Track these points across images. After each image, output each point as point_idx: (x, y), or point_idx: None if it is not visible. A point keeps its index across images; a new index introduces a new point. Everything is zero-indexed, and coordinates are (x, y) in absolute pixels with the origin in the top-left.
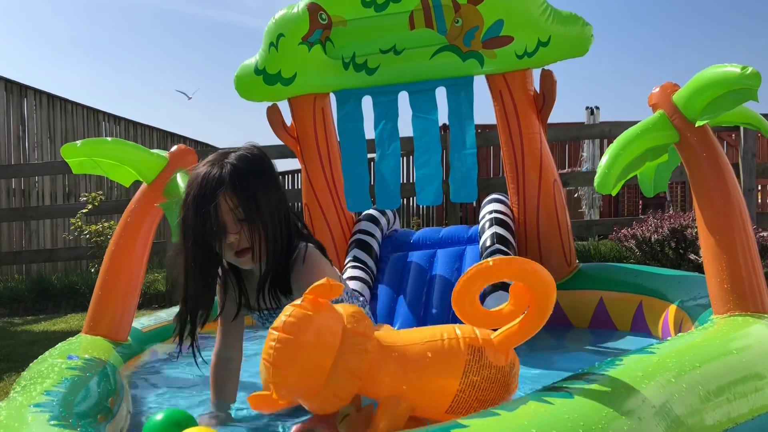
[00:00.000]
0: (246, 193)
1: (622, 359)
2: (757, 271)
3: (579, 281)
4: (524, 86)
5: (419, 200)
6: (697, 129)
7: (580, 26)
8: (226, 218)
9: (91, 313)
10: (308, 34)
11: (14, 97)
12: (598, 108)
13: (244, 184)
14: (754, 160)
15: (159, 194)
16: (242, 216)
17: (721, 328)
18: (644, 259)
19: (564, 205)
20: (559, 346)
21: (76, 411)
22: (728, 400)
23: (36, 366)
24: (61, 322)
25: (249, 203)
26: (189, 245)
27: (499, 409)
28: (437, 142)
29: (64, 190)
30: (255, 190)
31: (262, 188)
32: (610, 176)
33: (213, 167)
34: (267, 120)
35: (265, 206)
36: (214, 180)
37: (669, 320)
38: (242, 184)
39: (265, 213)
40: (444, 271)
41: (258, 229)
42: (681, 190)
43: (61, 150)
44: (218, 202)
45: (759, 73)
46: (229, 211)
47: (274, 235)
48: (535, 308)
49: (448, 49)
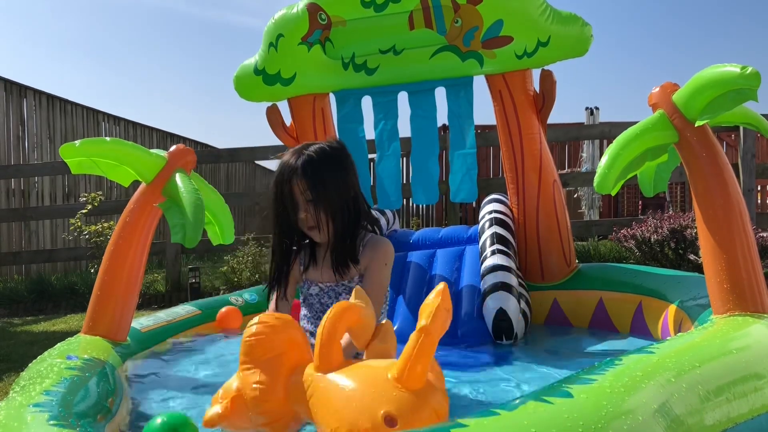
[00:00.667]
0: (314, 179)
1: (622, 359)
2: (757, 271)
3: (579, 281)
4: (524, 86)
5: (415, 199)
6: (697, 129)
7: (579, 26)
8: (298, 199)
9: (90, 313)
10: (308, 34)
11: (14, 97)
12: (598, 108)
13: (313, 171)
14: (753, 160)
15: (158, 194)
16: (310, 198)
17: (721, 328)
18: (644, 259)
19: (563, 205)
20: (558, 346)
21: (76, 411)
22: (728, 400)
23: (35, 366)
24: (61, 323)
25: (317, 188)
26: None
27: (499, 408)
28: (435, 141)
29: (64, 190)
30: (323, 176)
31: (330, 175)
32: (610, 176)
33: (292, 156)
34: (266, 120)
35: (332, 190)
36: (290, 168)
37: (669, 320)
38: (312, 172)
39: (331, 196)
40: (443, 271)
41: (324, 209)
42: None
43: (59, 150)
44: (292, 186)
45: (759, 73)
46: (300, 194)
47: (340, 215)
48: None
49: (448, 50)
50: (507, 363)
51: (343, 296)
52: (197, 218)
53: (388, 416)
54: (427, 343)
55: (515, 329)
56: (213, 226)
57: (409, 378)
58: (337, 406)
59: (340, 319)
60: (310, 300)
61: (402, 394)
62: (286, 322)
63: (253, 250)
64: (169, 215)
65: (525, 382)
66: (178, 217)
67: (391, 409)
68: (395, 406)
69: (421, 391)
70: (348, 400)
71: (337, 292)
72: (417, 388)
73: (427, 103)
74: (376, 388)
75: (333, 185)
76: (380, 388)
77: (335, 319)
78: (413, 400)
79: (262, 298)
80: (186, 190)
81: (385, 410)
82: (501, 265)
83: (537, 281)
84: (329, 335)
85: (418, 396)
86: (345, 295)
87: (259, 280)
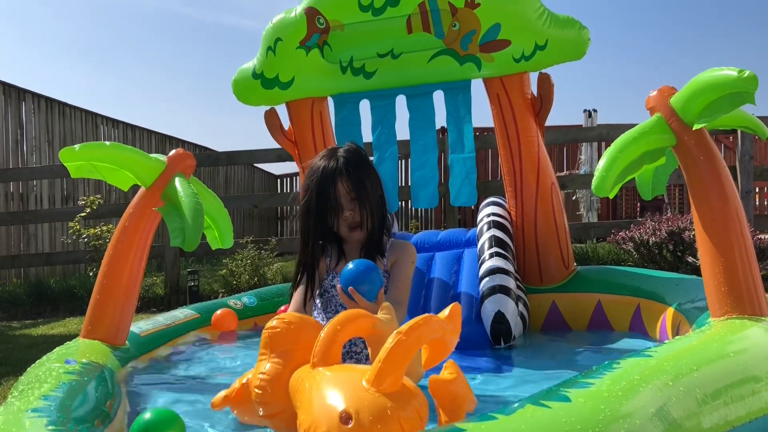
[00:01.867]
0: (356, 178)
1: (620, 362)
2: (754, 274)
3: (577, 284)
4: (522, 90)
5: (415, 203)
6: (695, 132)
7: (577, 30)
8: (343, 199)
9: (89, 317)
10: (306, 38)
11: (12, 100)
12: (596, 110)
13: (354, 171)
14: (751, 162)
15: (157, 198)
16: (354, 197)
17: (719, 331)
18: (642, 261)
19: (562, 207)
20: (557, 349)
21: (74, 416)
22: (725, 403)
23: (34, 370)
24: (59, 326)
25: (359, 186)
26: (311, 221)
27: (497, 413)
28: (434, 145)
29: (63, 193)
30: (362, 175)
31: (366, 174)
32: (608, 179)
33: (330, 160)
34: (265, 124)
35: (369, 188)
36: (333, 170)
37: (667, 323)
38: (354, 172)
39: (370, 193)
40: (442, 274)
41: (366, 206)
42: (679, 193)
43: (59, 154)
44: (336, 186)
45: (756, 77)
46: (345, 194)
47: (378, 213)
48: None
49: (446, 53)
50: (505, 366)
51: None
52: (196, 222)
53: (344, 413)
54: (398, 349)
55: (513, 332)
56: (212, 230)
57: (379, 381)
58: (308, 403)
59: (349, 322)
60: (332, 292)
61: (366, 395)
62: (304, 321)
63: (252, 253)
64: (168, 219)
65: (523, 385)
66: (177, 222)
67: (348, 408)
68: (355, 406)
69: (395, 394)
70: (317, 398)
71: None
72: (390, 391)
73: (425, 107)
74: (342, 389)
75: (369, 183)
76: (346, 389)
77: (344, 321)
78: (379, 402)
79: (261, 301)
80: (185, 194)
81: (343, 408)
82: (499, 268)
83: (535, 284)
84: (333, 333)
85: (389, 399)
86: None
87: (258, 283)
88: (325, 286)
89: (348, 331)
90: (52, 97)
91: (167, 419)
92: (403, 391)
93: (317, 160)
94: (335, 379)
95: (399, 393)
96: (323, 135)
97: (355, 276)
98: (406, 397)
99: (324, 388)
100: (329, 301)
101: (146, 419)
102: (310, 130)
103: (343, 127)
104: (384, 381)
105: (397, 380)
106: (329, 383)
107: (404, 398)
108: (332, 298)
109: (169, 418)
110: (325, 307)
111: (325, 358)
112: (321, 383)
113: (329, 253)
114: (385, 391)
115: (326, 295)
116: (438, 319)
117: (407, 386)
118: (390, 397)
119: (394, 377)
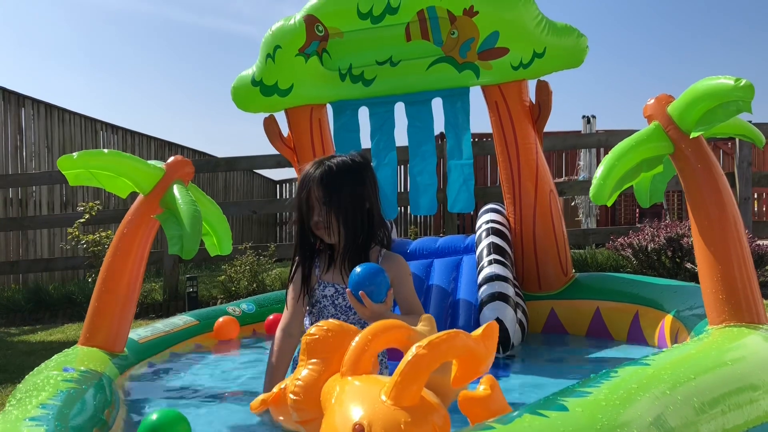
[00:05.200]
0: (329, 188)
1: (617, 371)
2: (752, 281)
3: (575, 291)
4: (520, 97)
5: (414, 210)
6: (692, 140)
7: (575, 38)
8: (314, 204)
9: (87, 324)
10: (305, 45)
11: (12, 106)
12: (595, 117)
13: (330, 180)
14: (749, 169)
15: (156, 205)
16: (324, 202)
17: (716, 339)
18: (641, 267)
19: (560, 214)
20: (555, 356)
21: (72, 424)
22: (723, 412)
23: (32, 378)
24: (58, 332)
25: (331, 195)
26: (297, 223)
27: (495, 422)
28: (433, 152)
29: (62, 199)
30: (339, 186)
31: (347, 185)
32: (606, 187)
33: (312, 167)
34: (264, 130)
35: (345, 199)
36: (309, 177)
37: (665, 330)
38: (328, 181)
39: (344, 204)
40: (441, 280)
41: (336, 214)
42: (678, 199)
43: (57, 162)
44: (310, 192)
45: (752, 86)
46: (315, 200)
47: (351, 222)
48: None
49: (444, 61)
50: (503, 373)
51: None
52: (195, 230)
53: (357, 425)
54: (416, 363)
55: (512, 340)
56: (210, 237)
57: (395, 394)
58: (330, 411)
59: (382, 332)
60: (323, 302)
61: (382, 407)
62: (343, 329)
63: (250, 259)
64: (166, 227)
65: (521, 393)
66: (175, 229)
67: (362, 420)
68: (369, 418)
69: (412, 408)
70: (338, 407)
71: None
72: (408, 405)
73: (424, 114)
74: (360, 400)
75: (348, 194)
76: (363, 400)
77: (376, 331)
78: (393, 416)
79: (260, 308)
80: (183, 201)
81: (357, 420)
82: (498, 275)
83: (534, 290)
84: (364, 343)
85: (405, 412)
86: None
87: (257, 289)
88: (316, 296)
89: (381, 341)
90: (51, 103)
91: (174, 420)
92: (422, 406)
93: (307, 166)
94: (356, 390)
95: (416, 407)
96: (322, 142)
97: (361, 279)
98: (424, 412)
99: (345, 398)
100: (320, 312)
101: (153, 420)
102: (309, 137)
103: (342, 133)
104: (401, 394)
105: (416, 394)
106: (350, 394)
107: (421, 413)
108: (324, 309)
109: (175, 418)
110: (317, 316)
111: (355, 368)
112: (343, 393)
113: (318, 263)
114: (402, 404)
115: (318, 306)
116: (465, 336)
117: (427, 401)
118: (406, 411)
119: (411, 391)
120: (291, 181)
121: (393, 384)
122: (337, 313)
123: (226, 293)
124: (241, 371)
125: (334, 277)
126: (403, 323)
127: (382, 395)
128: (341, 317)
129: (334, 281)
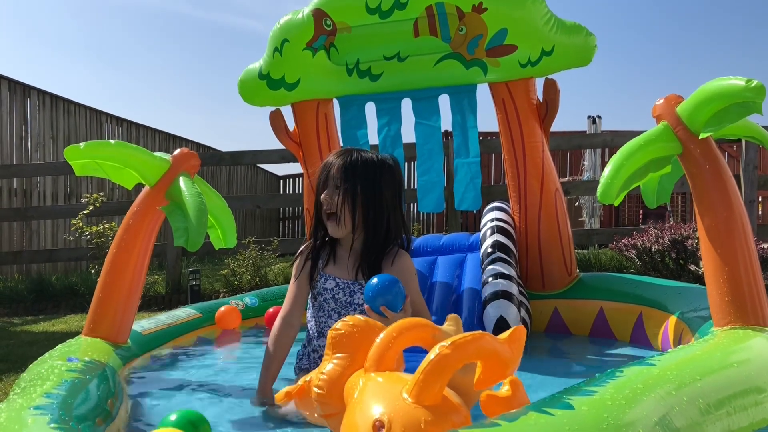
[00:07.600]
0: (348, 174)
1: (623, 370)
2: (758, 283)
3: (579, 291)
4: (527, 95)
5: (421, 207)
6: (701, 141)
7: (583, 36)
8: (329, 184)
9: (91, 315)
10: (312, 39)
11: (18, 97)
12: (600, 117)
13: (351, 169)
14: (755, 171)
15: (161, 197)
16: (338, 184)
17: (722, 341)
18: (644, 269)
19: (565, 213)
20: (558, 356)
21: (76, 414)
22: (728, 414)
23: (36, 367)
24: (61, 323)
25: (347, 181)
26: (309, 209)
27: (500, 419)
28: (440, 149)
29: (66, 190)
30: (359, 177)
31: (367, 180)
32: (613, 186)
33: (340, 152)
34: (270, 124)
35: (363, 192)
36: (331, 161)
37: (669, 332)
38: (349, 169)
39: (359, 196)
40: (444, 278)
41: (349, 203)
42: (682, 201)
43: (64, 152)
44: (328, 174)
45: (764, 87)
46: (331, 178)
47: (363, 216)
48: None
49: (452, 57)
50: None
51: (358, 294)
52: (200, 222)
53: (378, 422)
54: (439, 362)
55: None
56: (215, 230)
57: (417, 392)
58: (352, 407)
59: (407, 330)
60: (324, 296)
61: (403, 405)
62: (369, 325)
63: (254, 253)
64: (172, 219)
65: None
66: (181, 221)
67: (382, 417)
68: (389, 415)
69: (433, 407)
70: (359, 403)
71: (352, 290)
72: (429, 404)
73: (430, 110)
74: (382, 397)
75: (366, 189)
76: (385, 397)
77: (401, 329)
78: (414, 414)
79: (263, 302)
80: (189, 193)
81: (378, 417)
82: (502, 273)
83: (538, 290)
84: (389, 340)
85: (426, 411)
86: (360, 293)
87: (259, 283)
88: (318, 288)
89: (405, 339)
90: (57, 94)
91: (194, 421)
92: (444, 405)
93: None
94: (379, 387)
95: (438, 407)
96: (328, 137)
97: (379, 291)
98: (445, 412)
99: (367, 394)
100: (322, 306)
101: (172, 421)
102: (315, 132)
103: (349, 128)
104: (422, 393)
105: (437, 393)
106: (372, 390)
107: (443, 412)
108: (324, 302)
109: (195, 419)
110: (318, 309)
111: (378, 364)
112: (366, 388)
113: (322, 255)
114: (424, 403)
115: (320, 298)
116: (491, 339)
117: (449, 400)
118: (427, 410)
119: (433, 390)
120: (295, 177)
121: (415, 382)
122: (338, 307)
123: (229, 287)
124: (243, 364)
125: (335, 270)
126: (428, 322)
127: (404, 393)
128: (342, 312)
129: (335, 275)
